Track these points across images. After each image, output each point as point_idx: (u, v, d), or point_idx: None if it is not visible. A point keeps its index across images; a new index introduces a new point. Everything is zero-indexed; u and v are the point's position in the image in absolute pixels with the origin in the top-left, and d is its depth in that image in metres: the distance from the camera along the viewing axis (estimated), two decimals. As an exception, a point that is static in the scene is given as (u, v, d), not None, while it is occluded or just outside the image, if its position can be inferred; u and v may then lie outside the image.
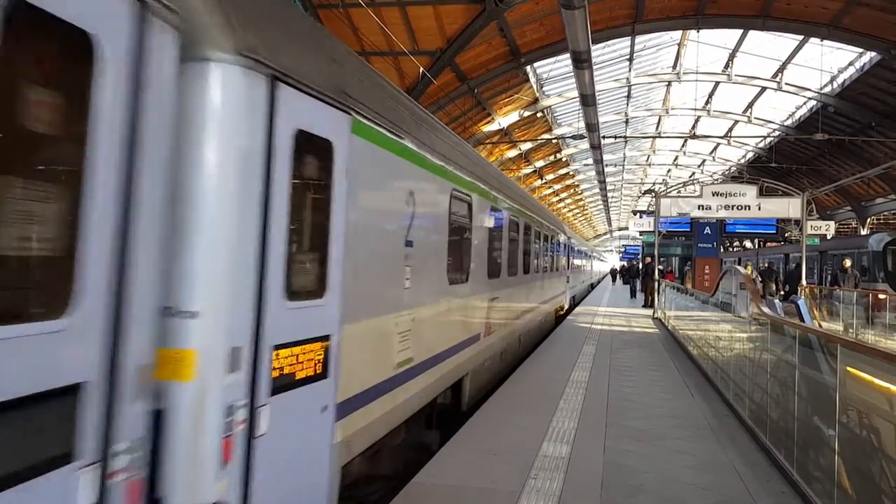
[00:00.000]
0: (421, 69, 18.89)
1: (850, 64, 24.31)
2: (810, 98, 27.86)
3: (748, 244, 42.87)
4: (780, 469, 5.40)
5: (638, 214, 31.89)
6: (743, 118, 33.38)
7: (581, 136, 25.41)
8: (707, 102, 32.67)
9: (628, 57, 25.93)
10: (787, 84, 27.33)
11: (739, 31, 23.99)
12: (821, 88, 26.64)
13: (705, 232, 22.99)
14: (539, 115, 29.75)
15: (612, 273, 54.06)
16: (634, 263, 37.25)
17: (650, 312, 20.18)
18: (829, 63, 24.52)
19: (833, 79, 25.77)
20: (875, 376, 4.17)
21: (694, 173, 46.57)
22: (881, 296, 16.65)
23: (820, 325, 16.32)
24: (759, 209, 19.17)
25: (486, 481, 4.95)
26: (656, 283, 20.41)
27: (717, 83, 29.50)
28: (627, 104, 32.96)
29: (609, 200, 57.50)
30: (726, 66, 27.93)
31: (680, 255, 33.53)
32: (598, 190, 49.95)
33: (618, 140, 36.12)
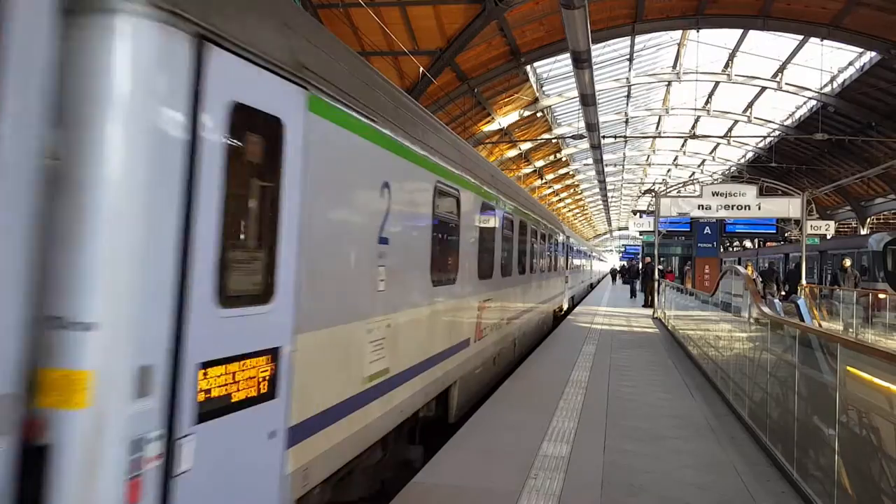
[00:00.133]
0: (421, 69, 18.89)
1: (850, 64, 24.33)
2: (810, 98, 27.87)
3: (748, 244, 42.89)
4: (779, 469, 5.39)
5: (638, 214, 31.94)
6: (743, 118, 33.39)
7: (581, 136, 25.43)
8: (707, 102, 32.67)
9: (628, 57, 25.93)
10: (787, 84, 27.33)
11: (739, 31, 24.00)
12: (821, 88, 26.65)
13: (705, 232, 23.01)
14: (539, 114, 29.75)
15: (613, 273, 54.25)
16: (635, 263, 37.25)
17: (650, 312, 20.19)
18: (829, 63, 24.55)
19: (833, 79, 25.78)
20: (875, 376, 4.17)
21: (694, 173, 46.60)
22: (881, 295, 16.65)
23: (820, 325, 16.32)
24: (759, 209, 19.20)
25: (486, 481, 4.95)
26: (656, 283, 20.42)
27: (717, 83, 29.51)
28: (627, 104, 32.96)
29: (609, 200, 57.55)
30: (726, 65, 27.94)
31: (680, 254, 33.53)
32: (598, 190, 49.99)
33: (618, 140, 36.13)
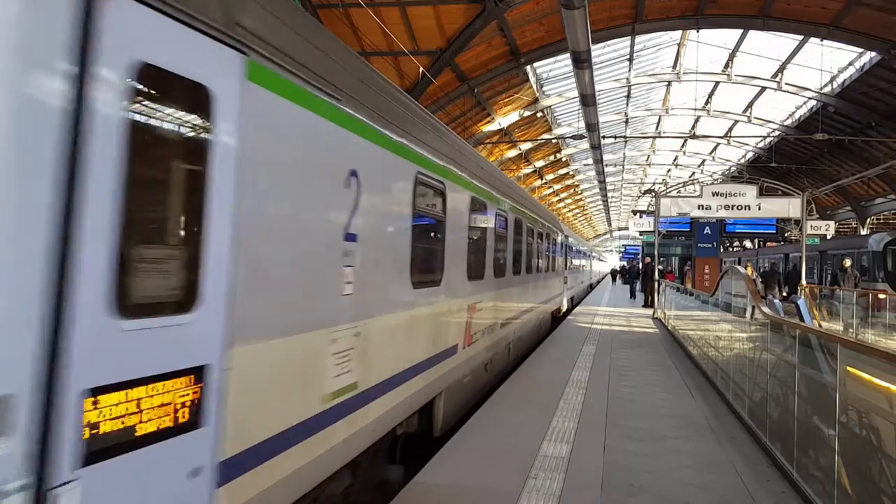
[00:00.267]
0: (421, 69, 18.89)
1: (850, 64, 24.35)
2: (810, 98, 27.88)
3: (748, 244, 42.90)
4: (779, 469, 5.39)
5: (638, 214, 31.95)
6: (743, 118, 33.40)
7: (581, 136, 25.44)
8: (707, 102, 32.69)
9: (628, 57, 25.94)
10: (786, 84, 27.35)
11: (739, 31, 24.02)
12: (821, 88, 26.66)
13: (705, 232, 23.00)
14: (539, 115, 29.76)
15: (613, 273, 54.31)
16: (635, 263, 37.25)
17: (650, 312, 20.19)
18: (829, 63, 24.58)
19: (833, 79, 25.80)
20: (875, 376, 4.17)
21: (694, 173, 46.62)
22: (881, 295, 16.66)
23: (820, 325, 16.31)
24: (759, 209, 19.20)
25: (486, 481, 4.94)
26: (656, 283, 20.42)
27: (717, 83, 29.52)
28: (627, 104, 32.98)
29: (609, 200, 57.59)
30: (726, 65, 27.95)
31: (680, 254, 33.53)
32: (598, 190, 50.01)
33: (618, 140, 36.15)
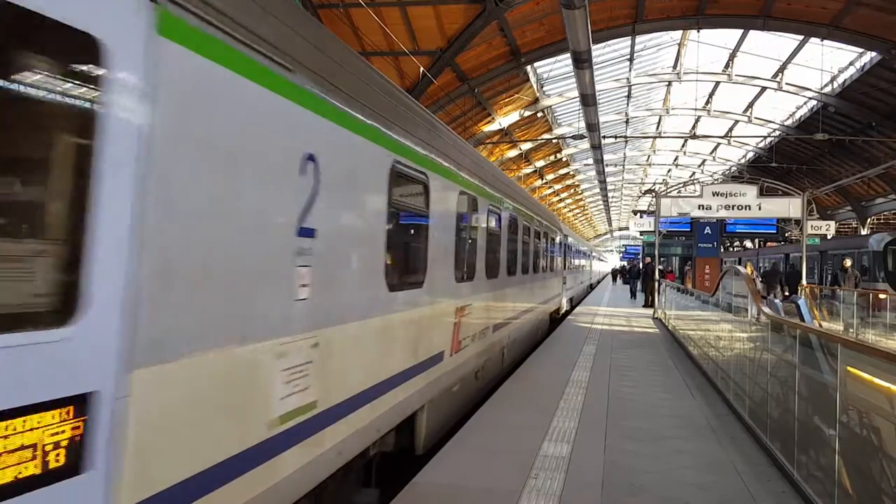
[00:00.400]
0: (421, 69, 18.90)
1: (851, 64, 24.36)
2: (811, 98, 27.88)
3: (748, 244, 42.90)
4: (780, 469, 5.39)
5: (638, 214, 31.93)
6: (743, 118, 33.40)
7: (581, 136, 25.44)
8: (707, 102, 32.69)
9: (628, 57, 25.95)
10: (787, 84, 27.35)
11: (740, 31, 24.03)
12: (821, 88, 26.66)
13: (706, 232, 22.98)
14: (539, 115, 29.77)
15: (613, 273, 54.35)
16: (635, 263, 37.24)
17: (650, 312, 20.19)
18: (829, 63, 24.59)
19: (833, 79, 25.80)
20: (876, 376, 4.17)
21: (694, 173, 46.62)
22: (881, 295, 16.66)
23: (820, 325, 16.31)
24: (760, 209, 19.21)
25: (487, 481, 4.94)
26: (656, 283, 20.42)
27: (718, 83, 29.52)
28: (628, 104, 32.98)
29: (609, 200, 57.59)
30: (726, 65, 27.96)
31: (680, 254, 33.51)
32: (598, 190, 50.01)
33: (618, 140, 36.17)
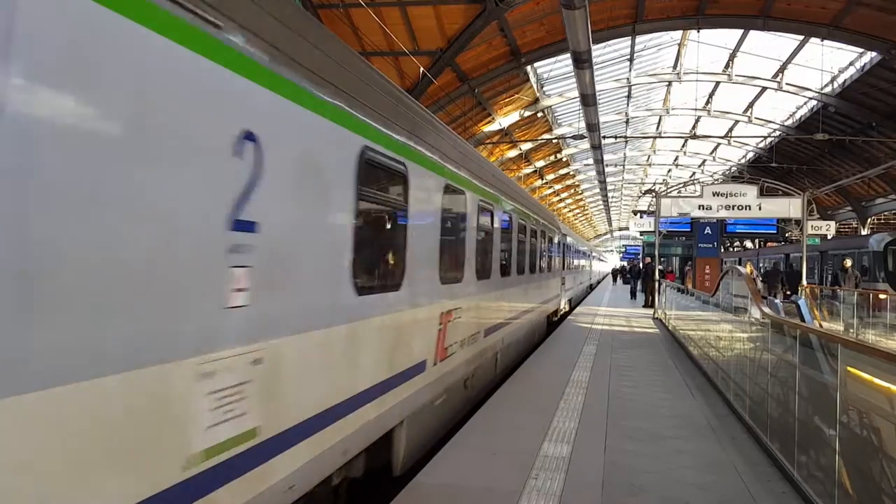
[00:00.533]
0: (421, 69, 18.90)
1: (851, 64, 24.36)
2: (811, 98, 27.88)
3: (749, 244, 42.90)
4: (780, 469, 5.39)
5: (638, 214, 31.95)
6: (743, 118, 33.40)
7: (581, 136, 25.44)
8: (707, 102, 32.69)
9: (629, 57, 25.95)
10: (787, 84, 27.35)
11: (740, 31, 24.03)
12: (821, 88, 26.66)
13: (706, 232, 22.98)
14: (539, 115, 29.77)
15: (613, 273, 54.37)
16: (636, 263, 37.25)
17: (650, 312, 20.19)
18: (829, 63, 24.59)
19: (833, 79, 25.80)
20: (876, 376, 4.17)
21: (694, 173, 46.62)
22: (881, 296, 16.66)
23: (820, 325, 16.31)
24: (760, 209, 19.21)
25: (487, 481, 4.94)
26: (656, 284, 20.42)
27: (718, 83, 29.52)
28: (628, 104, 32.98)
29: (609, 200, 57.60)
30: (727, 66, 27.96)
31: (680, 255, 33.51)
32: (598, 190, 50.02)
33: (618, 140, 36.16)
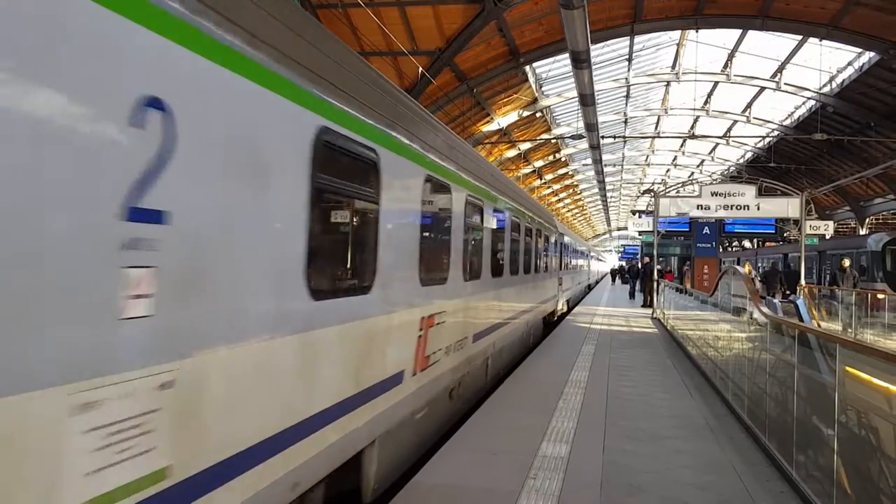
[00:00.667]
0: (420, 69, 18.89)
1: (849, 64, 24.38)
2: (809, 98, 27.91)
3: (747, 244, 42.92)
4: (779, 469, 5.40)
5: (637, 214, 31.94)
6: (742, 118, 33.43)
7: (580, 136, 25.45)
8: (706, 102, 32.71)
9: (627, 57, 25.96)
10: (786, 84, 27.38)
11: (738, 31, 24.04)
12: (820, 88, 26.69)
13: (704, 232, 23.00)
14: (538, 114, 29.77)
15: (612, 273, 54.36)
16: (634, 263, 37.27)
17: (649, 312, 20.20)
18: (828, 63, 24.62)
19: (832, 79, 25.83)
20: (874, 376, 4.18)
21: (693, 173, 46.66)
22: (880, 295, 16.68)
23: (819, 325, 16.32)
24: (758, 209, 19.22)
25: (486, 481, 4.95)
26: (655, 283, 20.43)
27: (716, 83, 29.54)
28: (626, 104, 33.00)
29: (608, 200, 57.63)
30: (725, 66, 27.98)
31: (679, 254, 33.53)
32: (597, 190, 50.06)
33: (617, 140, 36.17)
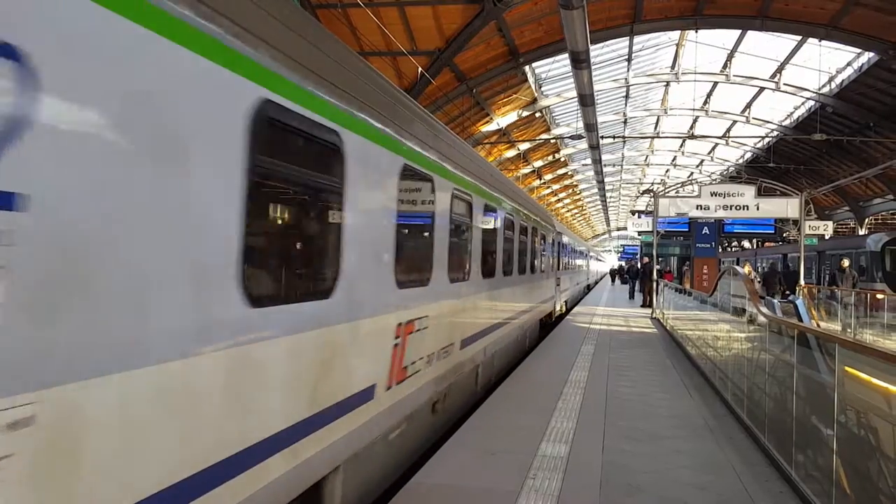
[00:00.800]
0: (419, 69, 18.89)
1: (849, 64, 24.40)
2: (808, 98, 27.93)
3: (746, 244, 42.94)
4: (778, 469, 5.40)
5: (636, 214, 31.93)
6: (741, 118, 33.44)
7: (579, 137, 25.46)
8: (705, 103, 32.73)
9: (627, 57, 25.98)
10: (785, 84, 27.40)
11: (738, 32, 24.05)
12: (819, 89, 26.71)
13: (703, 232, 23.02)
14: (538, 115, 29.78)
15: (612, 273, 54.34)
16: (633, 263, 37.27)
17: (648, 312, 20.21)
18: (827, 63, 24.65)
19: (831, 79, 25.85)
20: (873, 376, 4.18)
21: (692, 173, 46.68)
22: (879, 296, 16.69)
23: (818, 325, 16.33)
24: (758, 209, 19.24)
25: (485, 481, 4.95)
26: (654, 283, 20.44)
27: (716, 83, 29.55)
28: (626, 104, 33.00)
29: (607, 200, 57.64)
30: (724, 66, 28.00)
31: (678, 255, 33.54)
32: (596, 190, 50.06)
33: (616, 140, 36.19)
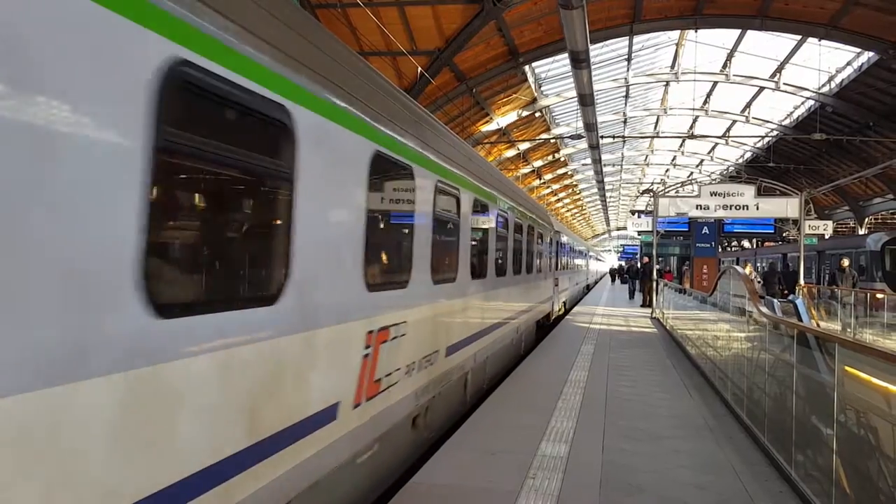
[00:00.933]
0: (419, 69, 18.89)
1: (848, 64, 24.41)
2: (808, 98, 27.94)
3: (746, 244, 42.95)
4: (778, 468, 5.40)
5: (636, 214, 31.93)
6: (741, 118, 33.45)
7: (579, 136, 25.48)
8: (705, 102, 32.73)
9: (626, 57, 25.99)
10: (785, 84, 27.41)
11: (737, 31, 24.07)
12: (819, 88, 26.71)
13: (703, 232, 23.01)
14: (537, 114, 29.79)
15: (611, 273, 54.35)
16: (633, 263, 37.27)
17: (648, 312, 20.21)
18: (827, 63, 24.66)
19: (831, 79, 25.86)
20: (873, 375, 4.18)
21: (692, 173, 46.68)
22: (879, 295, 16.69)
23: (818, 325, 16.33)
24: (757, 209, 19.24)
25: (485, 481, 4.95)
26: (654, 283, 20.44)
27: (716, 83, 29.57)
28: (626, 104, 33.01)
29: (607, 200, 57.63)
30: (724, 65, 28.01)
31: (678, 254, 33.54)
32: (596, 190, 50.05)
33: (616, 140, 36.18)
